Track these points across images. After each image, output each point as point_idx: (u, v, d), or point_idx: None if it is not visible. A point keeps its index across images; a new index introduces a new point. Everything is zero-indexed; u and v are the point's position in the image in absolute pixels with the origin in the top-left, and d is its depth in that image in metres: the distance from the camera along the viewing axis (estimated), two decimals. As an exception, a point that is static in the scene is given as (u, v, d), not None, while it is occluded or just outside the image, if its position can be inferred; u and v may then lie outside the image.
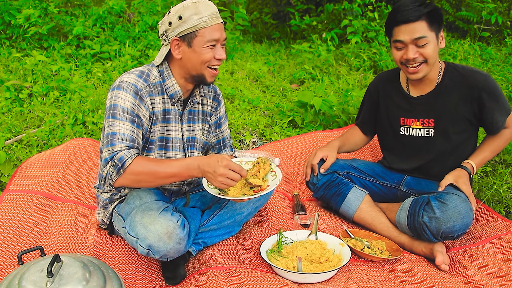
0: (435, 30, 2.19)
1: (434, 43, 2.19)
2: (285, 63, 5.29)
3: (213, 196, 2.30)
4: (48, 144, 3.19)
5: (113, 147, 1.82)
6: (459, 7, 6.24)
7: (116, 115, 1.87)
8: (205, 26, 1.90)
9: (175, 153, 2.11)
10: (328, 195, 2.49)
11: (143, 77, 1.98)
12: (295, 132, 3.59)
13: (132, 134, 1.87)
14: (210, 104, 2.25)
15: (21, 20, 4.88)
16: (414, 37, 2.16)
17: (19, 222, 2.18)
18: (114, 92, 1.91)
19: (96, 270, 1.58)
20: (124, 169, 1.78)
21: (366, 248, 2.22)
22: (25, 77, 4.17)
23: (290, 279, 1.98)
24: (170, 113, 2.05)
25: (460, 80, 2.29)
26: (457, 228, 2.08)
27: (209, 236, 2.23)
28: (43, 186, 2.46)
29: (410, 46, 2.18)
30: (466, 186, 2.23)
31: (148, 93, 1.96)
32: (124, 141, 1.83)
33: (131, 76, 1.95)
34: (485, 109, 2.26)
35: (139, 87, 1.93)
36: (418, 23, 2.15)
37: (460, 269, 2.11)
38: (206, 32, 1.91)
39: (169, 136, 2.08)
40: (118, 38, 5.11)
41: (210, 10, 1.92)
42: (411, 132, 2.41)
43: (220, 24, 1.95)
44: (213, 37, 1.92)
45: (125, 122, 1.86)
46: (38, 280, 1.47)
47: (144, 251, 1.83)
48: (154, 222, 1.81)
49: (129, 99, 1.89)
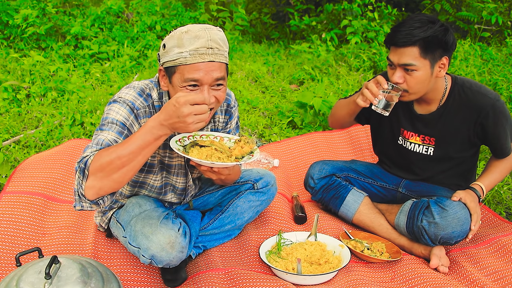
0: (430, 58, 2.00)
1: (425, 73, 2.02)
2: (285, 63, 5.28)
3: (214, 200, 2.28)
4: (46, 145, 3.18)
5: (84, 153, 1.60)
6: (460, 7, 6.24)
7: (103, 126, 1.68)
8: (183, 63, 1.63)
9: (176, 178, 2.03)
10: (326, 198, 2.48)
11: (144, 96, 1.78)
12: (294, 132, 3.58)
13: (111, 143, 1.63)
14: (221, 120, 2.06)
15: (19, 20, 4.88)
16: (400, 63, 2.02)
17: (17, 223, 2.17)
18: (110, 106, 1.73)
19: (94, 271, 1.57)
20: (87, 169, 1.54)
21: (366, 249, 2.21)
22: (23, 78, 4.16)
23: (289, 280, 1.97)
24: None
25: (465, 101, 2.15)
26: (456, 235, 2.07)
27: (209, 239, 2.21)
28: (41, 187, 2.45)
29: (397, 69, 2.04)
30: (474, 204, 2.11)
31: (147, 114, 1.78)
32: (96, 146, 1.61)
33: (130, 93, 1.76)
34: (489, 135, 2.16)
35: (136, 106, 1.74)
36: (408, 48, 1.98)
37: (460, 271, 2.10)
38: (184, 70, 1.63)
39: (171, 163, 1.97)
40: (117, 39, 5.11)
41: (196, 44, 1.62)
42: (408, 145, 2.34)
43: (207, 64, 1.64)
44: (190, 76, 1.63)
45: (110, 132, 1.65)
46: (36, 282, 1.46)
47: (147, 261, 1.80)
48: (155, 232, 1.78)
49: (123, 113, 1.70)
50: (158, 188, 2.02)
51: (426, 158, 2.30)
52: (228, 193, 2.26)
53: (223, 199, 2.27)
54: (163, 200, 2.12)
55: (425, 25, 1.97)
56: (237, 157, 1.78)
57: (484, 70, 4.70)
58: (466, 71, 4.67)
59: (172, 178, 2.02)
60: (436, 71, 2.05)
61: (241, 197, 2.22)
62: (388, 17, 5.85)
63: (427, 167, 2.34)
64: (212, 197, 2.28)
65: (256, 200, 2.23)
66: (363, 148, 3.23)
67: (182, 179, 2.05)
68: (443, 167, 2.31)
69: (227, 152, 1.77)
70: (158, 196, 2.07)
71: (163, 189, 2.05)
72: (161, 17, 5.68)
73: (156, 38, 5.20)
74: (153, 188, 2.02)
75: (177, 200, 2.14)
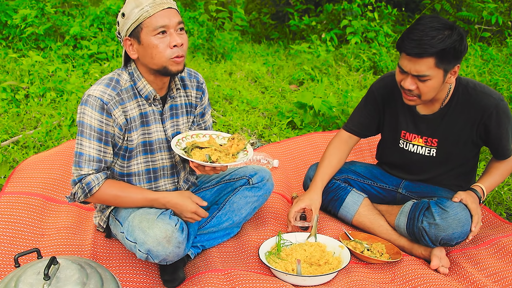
0: (445, 67, 1.96)
1: (438, 80, 1.98)
2: (284, 63, 5.28)
3: (211, 197, 2.29)
4: (45, 145, 3.17)
5: (80, 169, 1.84)
6: (460, 7, 6.24)
7: (83, 133, 1.84)
8: (147, 16, 1.77)
9: (160, 154, 2.03)
10: (325, 200, 2.46)
11: (112, 85, 1.87)
12: (294, 133, 3.58)
13: (99, 154, 1.85)
14: (194, 94, 2.13)
15: (18, 20, 4.87)
16: (414, 74, 1.97)
17: (16, 224, 2.16)
18: (82, 108, 1.84)
19: (93, 272, 1.58)
20: (91, 194, 1.85)
21: (366, 250, 2.20)
22: (22, 78, 4.15)
23: (289, 281, 1.96)
24: (148, 115, 1.95)
25: (468, 101, 2.13)
26: (456, 236, 2.06)
27: (208, 238, 2.21)
28: (39, 187, 2.45)
29: (409, 77, 2.00)
30: (475, 205, 2.10)
31: (118, 102, 1.86)
32: (91, 163, 1.84)
33: (98, 88, 1.85)
34: (491, 136, 2.14)
35: (105, 100, 1.82)
36: (424, 60, 1.92)
37: (461, 272, 2.10)
38: (150, 22, 1.77)
39: (152, 139, 1.99)
40: (116, 39, 5.09)
41: None
42: (410, 147, 2.32)
43: (167, 10, 1.80)
44: (158, 24, 1.77)
45: (91, 141, 1.84)
46: (35, 283, 1.47)
47: (143, 256, 1.81)
48: (152, 226, 1.78)
49: (95, 116, 1.82)
50: (145, 173, 2.01)
51: (428, 159, 2.29)
52: (224, 190, 2.27)
53: (219, 197, 2.28)
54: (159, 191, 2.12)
55: (442, 33, 1.90)
56: (233, 154, 1.98)
57: (484, 70, 4.70)
58: (467, 71, 4.67)
59: (157, 157, 2.02)
60: (448, 77, 2.03)
61: (237, 194, 2.23)
62: (388, 17, 5.84)
63: (428, 169, 2.33)
64: (209, 193, 2.29)
65: (252, 196, 2.23)
66: (363, 149, 3.22)
67: (166, 154, 2.05)
68: (444, 168, 2.30)
69: (225, 151, 1.96)
70: (151, 186, 2.05)
71: (152, 174, 2.04)
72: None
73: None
74: (141, 176, 2.01)
75: (172, 185, 2.13)
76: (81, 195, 1.84)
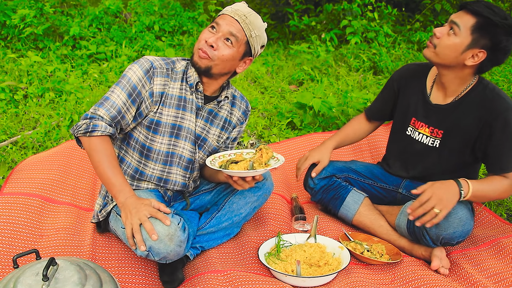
0: (474, 38, 2.00)
1: (459, 44, 2.03)
2: (284, 64, 5.27)
3: (211, 198, 2.28)
4: (43, 146, 3.16)
5: (99, 109, 1.90)
6: (459, 7, 6.23)
7: (120, 83, 1.95)
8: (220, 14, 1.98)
9: (184, 143, 2.08)
10: (326, 199, 2.47)
11: (166, 61, 2.03)
12: (293, 133, 3.57)
13: (122, 107, 1.92)
14: (237, 116, 2.22)
15: (16, 20, 4.85)
16: (453, 19, 2.05)
17: (14, 225, 2.15)
18: (132, 64, 1.98)
19: (92, 273, 1.57)
20: (90, 135, 1.86)
21: (365, 251, 2.19)
22: (20, 78, 4.14)
23: (288, 282, 1.95)
24: (187, 101, 2.04)
25: (482, 100, 2.13)
26: (457, 235, 2.06)
27: (207, 239, 2.20)
28: (38, 188, 2.44)
29: (446, 25, 2.08)
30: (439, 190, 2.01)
31: (163, 74, 1.99)
32: (111, 110, 1.90)
33: (154, 57, 2.01)
34: (492, 141, 2.10)
35: (154, 65, 1.97)
36: (469, 15, 2.01)
37: (461, 273, 2.09)
38: (216, 18, 1.97)
39: (183, 125, 2.05)
40: (115, 39, 5.09)
41: (236, 8, 1.98)
42: (416, 136, 2.32)
43: (232, 19, 1.94)
44: (216, 20, 1.96)
45: (122, 92, 1.93)
46: (33, 284, 1.46)
47: (144, 253, 1.80)
48: (155, 223, 1.77)
49: (139, 74, 1.95)
50: (164, 154, 2.05)
51: (430, 151, 2.28)
52: (223, 191, 2.27)
53: (219, 197, 2.28)
54: (165, 187, 2.13)
55: (497, 13, 1.98)
56: (265, 162, 2.05)
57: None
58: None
59: (180, 143, 2.07)
60: (467, 55, 2.05)
61: (236, 194, 2.23)
62: (388, 17, 5.84)
63: (429, 160, 2.31)
64: (208, 195, 2.30)
65: (252, 196, 2.23)
66: (363, 149, 3.22)
67: (189, 145, 2.09)
68: (444, 166, 2.29)
69: (258, 161, 2.04)
70: (164, 169, 2.08)
71: (169, 158, 2.07)
72: (160, 17, 5.67)
73: (154, 38, 5.19)
74: (159, 156, 2.06)
75: (183, 179, 2.15)
76: (82, 130, 1.85)
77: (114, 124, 1.92)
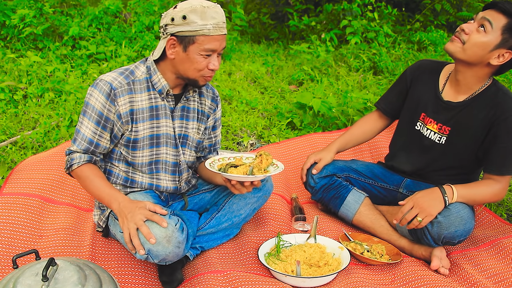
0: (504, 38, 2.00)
1: (488, 43, 2.01)
2: (284, 64, 5.27)
3: (210, 199, 2.28)
4: (43, 146, 3.16)
5: (73, 144, 1.97)
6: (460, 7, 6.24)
7: (86, 113, 1.94)
8: (206, 34, 1.83)
9: (165, 149, 2.06)
10: (326, 198, 2.46)
11: (125, 74, 1.96)
12: (293, 134, 3.57)
13: (92, 136, 1.94)
14: (208, 104, 2.20)
15: (16, 20, 4.85)
16: (485, 15, 2.01)
17: (14, 225, 2.15)
18: (91, 89, 1.93)
19: (91, 273, 1.57)
20: (71, 170, 1.96)
21: (365, 251, 2.19)
22: (20, 78, 4.14)
23: (288, 283, 1.95)
24: (159, 109, 2.00)
25: (493, 101, 2.13)
26: (459, 234, 2.05)
27: (207, 240, 2.20)
28: (38, 188, 2.44)
29: (476, 22, 2.05)
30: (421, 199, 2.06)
31: (125, 92, 1.92)
32: (82, 143, 1.95)
33: (110, 74, 1.94)
34: (496, 142, 2.10)
35: (114, 86, 1.90)
36: (501, 15, 1.99)
37: (461, 273, 2.09)
38: (205, 41, 1.84)
39: (159, 133, 2.03)
40: (114, 39, 5.08)
41: (217, 19, 1.85)
42: (425, 131, 2.32)
43: (223, 36, 1.89)
44: (211, 47, 1.86)
45: (90, 123, 1.93)
46: (33, 284, 1.45)
47: (143, 256, 1.80)
48: (152, 225, 1.78)
49: (101, 99, 1.90)
50: (147, 165, 2.05)
51: (436, 147, 2.28)
52: (223, 191, 2.27)
53: (219, 198, 2.27)
54: (158, 191, 2.12)
55: None
56: (264, 168, 2.06)
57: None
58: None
59: (161, 150, 2.06)
60: (493, 54, 2.04)
61: (236, 195, 2.22)
62: (388, 17, 5.84)
63: (434, 156, 2.31)
64: (208, 195, 2.29)
65: (252, 197, 2.22)
66: (363, 149, 3.22)
67: (171, 150, 2.09)
68: (448, 160, 2.29)
69: (257, 166, 2.04)
70: (152, 177, 2.08)
71: (153, 165, 2.06)
72: (159, 17, 5.66)
73: (154, 38, 5.18)
74: (143, 168, 2.05)
75: (172, 184, 2.14)
76: (66, 167, 1.97)
77: (91, 152, 1.97)
